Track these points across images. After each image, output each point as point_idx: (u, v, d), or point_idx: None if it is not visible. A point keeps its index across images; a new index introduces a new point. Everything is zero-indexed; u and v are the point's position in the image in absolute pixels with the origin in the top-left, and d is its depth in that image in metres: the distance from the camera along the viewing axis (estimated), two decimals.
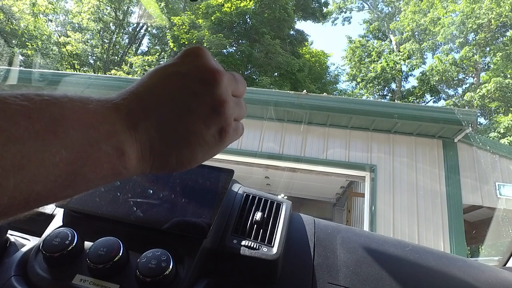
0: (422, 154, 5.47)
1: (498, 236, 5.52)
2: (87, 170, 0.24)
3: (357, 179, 6.21)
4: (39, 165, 0.21)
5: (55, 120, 0.23)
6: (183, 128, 0.30)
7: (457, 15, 17.20)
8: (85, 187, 0.26)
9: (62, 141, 0.23)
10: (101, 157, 0.25)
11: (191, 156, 0.31)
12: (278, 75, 17.82)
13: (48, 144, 0.22)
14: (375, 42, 22.36)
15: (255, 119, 5.83)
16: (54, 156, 0.22)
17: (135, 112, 0.28)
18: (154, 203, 0.62)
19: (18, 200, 0.21)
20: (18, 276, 0.52)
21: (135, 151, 0.28)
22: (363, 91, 21.70)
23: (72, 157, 0.23)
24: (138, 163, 0.28)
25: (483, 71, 17.36)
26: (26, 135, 0.21)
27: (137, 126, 0.28)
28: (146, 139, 0.28)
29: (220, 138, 0.32)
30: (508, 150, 5.61)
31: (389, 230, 4.96)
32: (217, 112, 0.31)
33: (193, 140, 0.31)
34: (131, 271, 0.53)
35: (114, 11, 20.16)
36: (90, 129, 0.25)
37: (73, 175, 0.23)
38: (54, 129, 0.22)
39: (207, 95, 0.31)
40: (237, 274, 0.60)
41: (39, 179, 0.21)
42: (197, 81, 0.31)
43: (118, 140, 0.26)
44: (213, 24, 16.01)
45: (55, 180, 0.22)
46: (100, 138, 0.25)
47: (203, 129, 0.31)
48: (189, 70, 0.31)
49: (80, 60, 19.36)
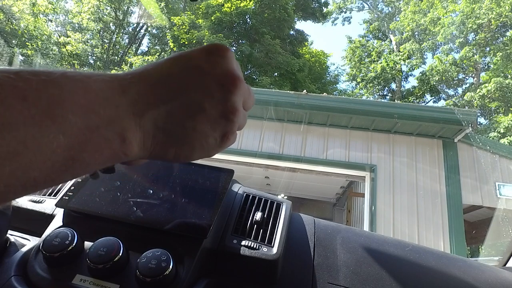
0: (422, 154, 5.48)
1: (498, 236, 5.52)
2: (86, 156, 0.23)
3: (357, 179, 6.21)
4: (35, 151, 0.20)
5: (53, 103, 0.21)
6: (191, 126, 0.29)
7: (457, 15, 17.21)
8: (83, 171, 0.25)
9: (60, 126, 0.22)
10: (101, 142, 0.24)
11: (189, 153, 0.31)
12: (278, 75, 17.82)
13: (45, 130, 0.21)
14: (375, 42, 22.36)
15: (255, 119, 5.84)
16: (52, 142, 0.21)
17: (144, 98, 0.27)
18: (154, 203, 0.62)
19: (14, 187, 0.20)
20: (18, 276, 0.52)
21: (138, 139, 0.27)
22: (363, 91, 21.71)
23: (71, 143, 0.22)
24: (138, 150, 0.28)
25: (483, 71, 17.36)
26: (21, 120, 0.20)
27: (144, 113, 0.27)
28: (150, 128, 0.27)
29: (220, 143, 0.32)
30: (508, 150, 5.61)
31: (389, 230, 4.97)
32: (227, 118, 0.31)
33: (196, 140, 0.30)
34: (131, 271, 0.53)
35: (114, 11, 20.16)
36: (91, 113, 0.23)
37: (71, 160, 0.23)
38: (51, 113, 0.21)
39: (223, 99, 0.30)
40: (237, 274, 0.60)
41: (36, 165, 0.21)
42: (217, 83, 0.30)
43: (120, 126, 0.25)
44: (213, 24, 16.01)
45: (52, 166, 0.22)
46: (101, 123, 0.24)
47: (209, 131, 0.31)
48: (212, 69, 0.30)
49: (80, 60, 19.36)
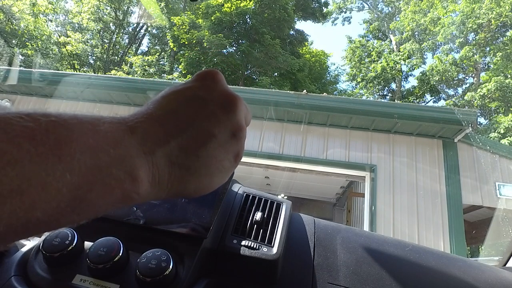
0: (422, 154, 5.48)
1: (498, 236, 5.52)
2: (94, 196, 0.23)
3: (357, 179, 6.21)
4: (40, 190, 0.20)
5: (61, 142, 0.21)
6: (205, 154, 0.29)
7: (457, 15, 17.22)
8: (92, 213, 0.24)
9: (67, 165, 0.21)
10: (110, 182, 0.23)
11: (209, 183, 0.31)
12: (278, 75, 17.83)
13: (51, 168, 0.20)
14: (375, 42, 22.37)
15: (255, 119, 5.83)
16: (58, 181, 0.20)
17: (153, 136, 0.27)
18: (154, 203, 0.62)
19: (15, 227, 0.19)
20: (18, 276, 0.52)
21: (151, 177, 0.26)
22: (363, 91, 21.71)
23: (78, 182, 0.21)
24: (153, 189, 0.27)
25: (483, 71, 17.37)
26: (28, 158, 0.19)
27: (155, 151, 0.26)
28: (165, 165, 0.27)
29: (234, 163, 0.32)
30: (508, 150, 5.61)
31: (389, 230, 4.97)
32: (237, 137, 0.31)
33: (213, 166, 0.30)
34: (131, 271, 0.53)
35: (114, 11, 20.16)
36: (100, 152, 0.23)
37: (77, 200, 0.22)
38: (59, 151, 0.21)
39: (228, 120, 0.31)
40: (237, 274, 0.60)
41: (39, 205, 0.20)
42: (219, 106, 0.30)
43: (131, 165, 0.24)
44: (213, 24, 16.01)
45: (57, 206, 0.21)
46: (111, 162, 0.23)
47: (223, 155, 0.30)
48: (209, 95, 0.31)
49: (80, 60, 19.37)
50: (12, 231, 0.19)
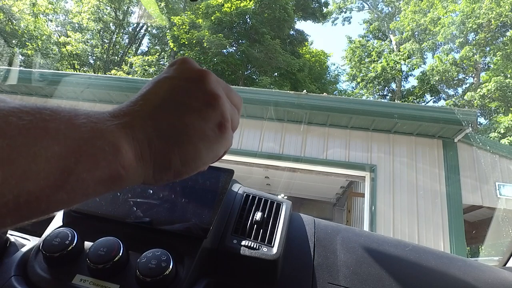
0: (422, 154, 5.47)
1: (498, 236, 5.52)
2: (81, 168, 0.24)
3: (357, 179, 6.21)
4: (30, 160, 0.21)
5: (45, 120, 0.23)
6: (181, 122, 0.30)
7: (457, 15, 17.21)
8: (81, 191, 0.24)
9: (54, 137, 0.23)
10: (96, 153, 0.24)
11: (195, 152, 0.31)
12: (278, 75, 17.83)
13: (39, 139, 0.22)
14: (375, 42, 22.36)
15: (255, 119, 5.84)
16: (46, 150, 0.22)
17: (130, 114, 0.29)
18: (154, 203, 0.62)
19: (7, 199, 0.20)
20: (18, 276, 0.52)
21: (133, 148, 0.27)
22: (363, 91, 21.71)
23: (65, 152, 0.23)
24: (137, 163, 0.27)
25: (483, 71, 17.37)
26: (16, 131, 0.21)
27: (133, 125, 0.28)
28: (143, 137, 0.28)
29: (219, 132, 0.32)
30: (508, 150, 5.61)
31: (389, 230, 4.97)
32: (212, 106, 0.32)
33: (193, 134, 0.30)
34: (131, 271, 0.53)
35: (114, 11, 20.16)
36: (82, 127, 0.24)
37: (66, 172, 0.23)
38: (45, 126, 0.22)
39: (198, 91, 0.32)
40: (237, 274, 0.60)
41: (30, 175, 0.21)
42: (185, 80, 0.33)
43: (112, 136, 0.26)
44: (213, 24, 16.01)
45: (47, 177, 0.22)
46: (94, 135, 0.25)
47: (200, 122, 0.31)
48: (176, 73, 0.33)
49: (80, 60, 19.37)
50: (3, 202, 0.20)
